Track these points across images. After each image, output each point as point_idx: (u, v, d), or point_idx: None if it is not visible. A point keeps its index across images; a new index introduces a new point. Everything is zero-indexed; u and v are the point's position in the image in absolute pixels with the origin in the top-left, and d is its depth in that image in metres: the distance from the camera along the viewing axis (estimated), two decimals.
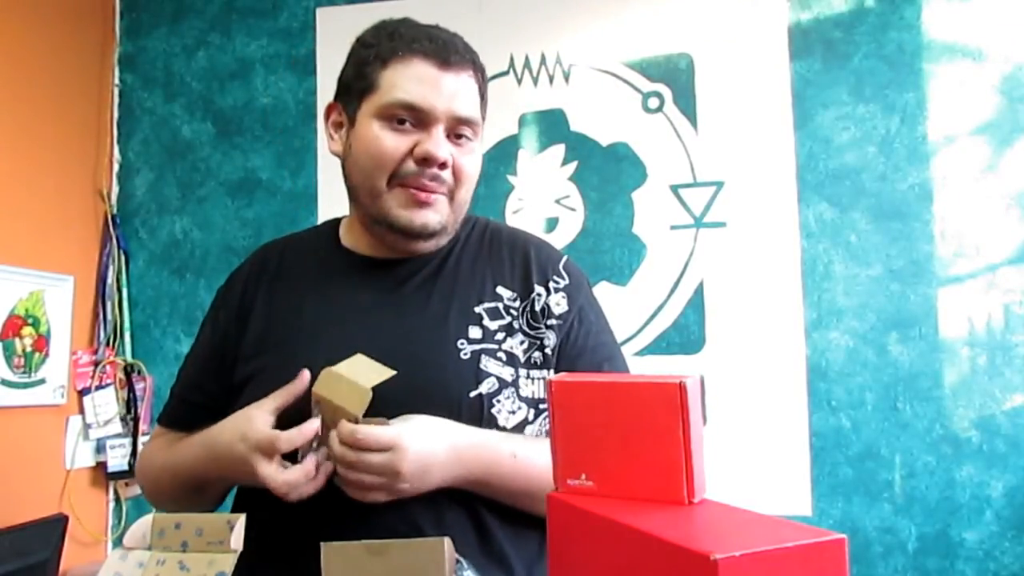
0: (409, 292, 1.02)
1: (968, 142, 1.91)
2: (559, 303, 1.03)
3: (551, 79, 2.12)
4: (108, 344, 2.22)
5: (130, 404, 2.23)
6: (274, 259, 1.11)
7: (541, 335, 1.01)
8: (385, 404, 0.90)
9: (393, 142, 0.96)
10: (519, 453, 0.92)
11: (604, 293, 2.04)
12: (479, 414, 0.94)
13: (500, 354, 0.98)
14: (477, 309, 1.00)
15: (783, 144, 1.99)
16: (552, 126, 2.11)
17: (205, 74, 2.32)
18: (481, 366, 0.96)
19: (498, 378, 0.96)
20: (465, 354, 0.97)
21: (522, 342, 0.99)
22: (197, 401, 1.07)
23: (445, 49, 0.98)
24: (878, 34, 1.96)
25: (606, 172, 2.07)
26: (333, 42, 2.21)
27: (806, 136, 1.98)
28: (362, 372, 0.86)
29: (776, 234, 1.97)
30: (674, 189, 2.04)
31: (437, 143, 0.95)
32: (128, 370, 2.24)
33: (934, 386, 1.88)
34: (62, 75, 2.18)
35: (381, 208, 0.98)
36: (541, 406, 0.98)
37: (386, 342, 0.97)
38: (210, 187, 2.29)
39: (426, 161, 0.95)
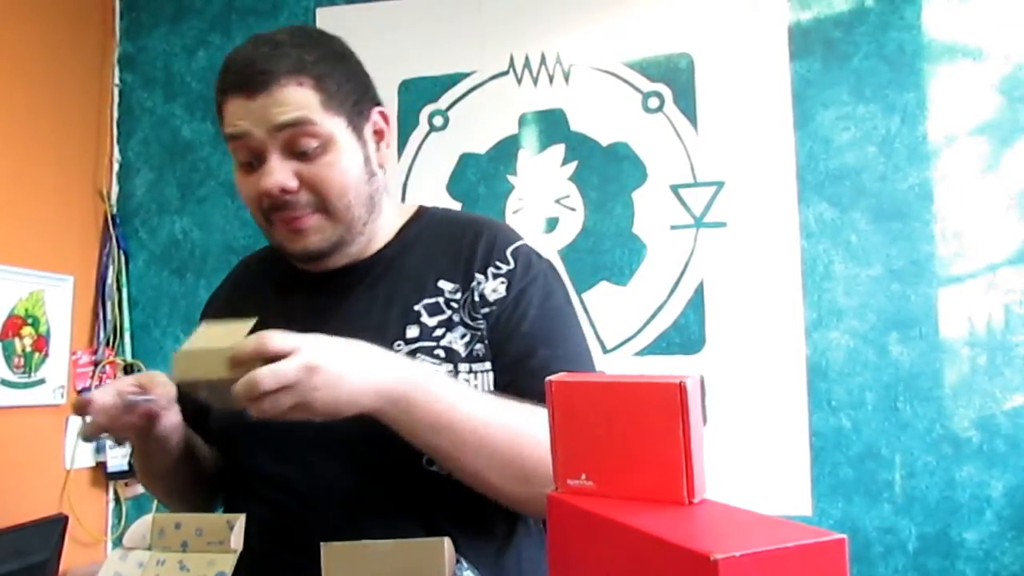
0: (355, 298, 1.00)
1: (968, 142, 1.91)
2: (496, 289, 0.97)
3: (551, 79, 2.12)
4: (108, 344, 2.22)
5: None
6: (244, 275, 1.14)
7: (480, 326, 0.96)
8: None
9: (246, 186, 0.96)
10: (444, 380, 0.88)
11: (604, 293, 2.05)
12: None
13: (438, 351, 0.95)
14: (416, 307, 0.97)
15: (783, 144, 1.99)
16: (552, 126, 2.11)
17: (205, 74, 2.32)
18: None
19: None
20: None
21: (463, 336, 0.96)
22: (185, 411, 1.08)
23: (248, 74, 0.92)
24: (878, 34, 1.96)
25: (606, 172, 2.07)
26: None
27: (806, 136, 1.98)
28: (218, 336, 0.81)
29: (776, 234, 1.97)
30: (674, 189, 2.04)
31: (267, 174, 0.92)
32: (128, 370, 2.24)
33: (934, 386, 1.88)
34: (62, 75, 2.18)
35: (273, 242, 0.99)
36: None
37: None
38: (210, 187, 2.29)
39: (268, 196, 0.93)
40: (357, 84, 0.99)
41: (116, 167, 2.34)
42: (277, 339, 0.78)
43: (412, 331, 0.96)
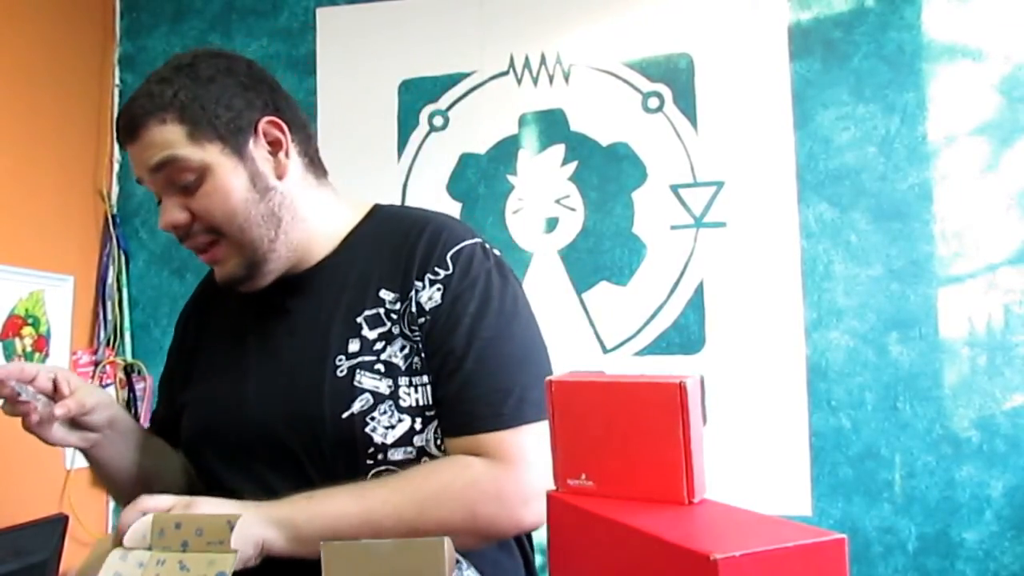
0: (302, 309, 1.00)
1: (968, 142, 1.91)
2: (431, 297, 0.95)
3: (551, 79, 2.12)
4: (108, 344, 2.22)
5: (130, 404, 2.23)
6: (210, 289, 1.14)
7: (417, 338, 0.95)
8: (263, 433, 0.95)
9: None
10: (316, 495, 0.90)
11: (604, 293, 2.05)
12: (350, 435, 0.92)
13: (378, 366, 0.94)
14: (359, 319, 0.96)
15: (783, 144, 1.99)
16: (552, 126, 2.11)
17: None
18: (355, 383, 0.93)
19: (373, 393, 0.93)
20: (342, 371, 0.94)
21: (402, 348, 0.94)
22: (166, 416, 1.12)
23: (123, 123, 0.95)
24: (878, 34, 1.96)
25: (606, 172, 2.07)
26: (333, 42, 2.21)
27: (806, 136, 1.98)
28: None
29: (776, 234, 1.97)
30: (674, 189, 2.04)
31: (161, 213, 0.96)
32: (128, 370, 2.24)
33: (934, 386, 1.88)
34: (62, 75, 2.18)
35: None
36: (428, 413, 0.94)
37: (272, 368, 0.99)
38: None
39: (170, 232, 0.97)
40: (232, 101, 0.96)
41: (116, 167, 2.34)
42: (151, 500, 0.85)
43: (353, 345, 0.95)
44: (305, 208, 1.00)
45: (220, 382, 1.04)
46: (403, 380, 0.94)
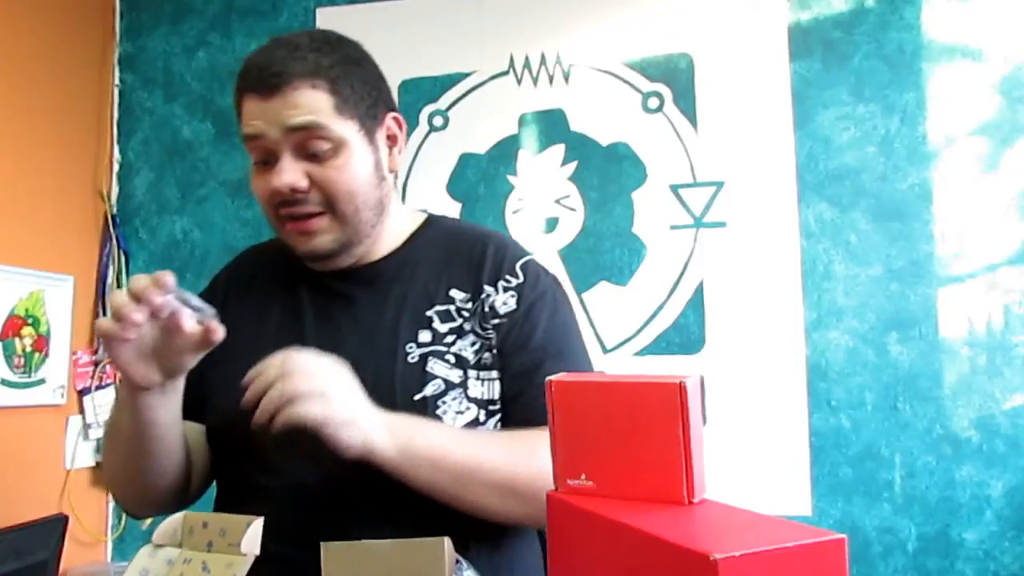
0: (366, 299, 1.03)
1: (968, 142, 1.91)
2: (506, 302, 1.01)
3: (551, 79, 2.12)
4: None
5: None
6: (249, 266, 1.15)
7: (490, 336, 1.00)
8: None
9: (260, 184, 0.97)
10: (424, 423, 0.91)
11: (604, 293, 2.05)
12: (422, 417, 0.94)
13: (449, 356, 0.98)
14: (428, 313, 1.00)
15: (783, 144, 1.99)
16: (552, 126, 2.11)
17: (205, 74, 2.32)
18: (427, 368, 0.96)
19: (445, 380, 0.96)
20: (413, 357, 0.97)
21: (473, 343, 0.99)
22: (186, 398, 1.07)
23: (265, 76, 0.94)
24: (878, 34, 1.96)
25: (606, 172, 2.07)
26: None
27: (806, 136, 1.98)
28: None
29: (776, 234, 1.97)
30: (674, 189, 2.04)
31: (278, 173, 0.94)
32: None
33: (934, 386, 1.88)
34: (62, 75, 2.18)
35: (284, 241, 1.01)
36: (492, 407, 0.98)
37: (336, 349, 0.97)
38: (210, 187, 2.29)
39: (277, 195, 0.95)
40: (372, 89, 1.00)
41: (116, 167, 2.34)
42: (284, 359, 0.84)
43: (424, 335, 0.99)
44: (391, 205, 1.05)
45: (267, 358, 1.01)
46: (472, 373, 0.98)
